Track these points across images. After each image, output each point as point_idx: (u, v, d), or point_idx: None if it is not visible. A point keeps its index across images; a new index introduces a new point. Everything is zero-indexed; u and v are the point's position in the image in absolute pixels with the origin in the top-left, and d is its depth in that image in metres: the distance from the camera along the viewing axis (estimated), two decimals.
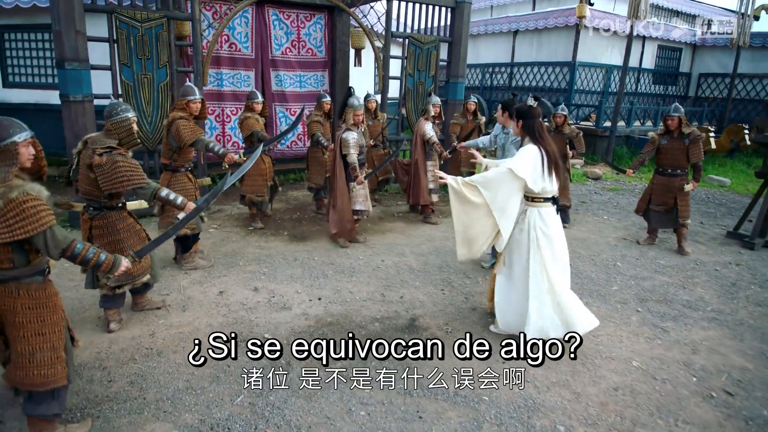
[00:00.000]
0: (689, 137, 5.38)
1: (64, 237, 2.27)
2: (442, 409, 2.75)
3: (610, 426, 2.71)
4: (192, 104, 4.31)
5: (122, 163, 3.06)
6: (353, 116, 5.11)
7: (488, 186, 3.29)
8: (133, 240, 3.31)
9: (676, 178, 5.55)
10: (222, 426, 2.58)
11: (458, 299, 4.19)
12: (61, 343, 2.39)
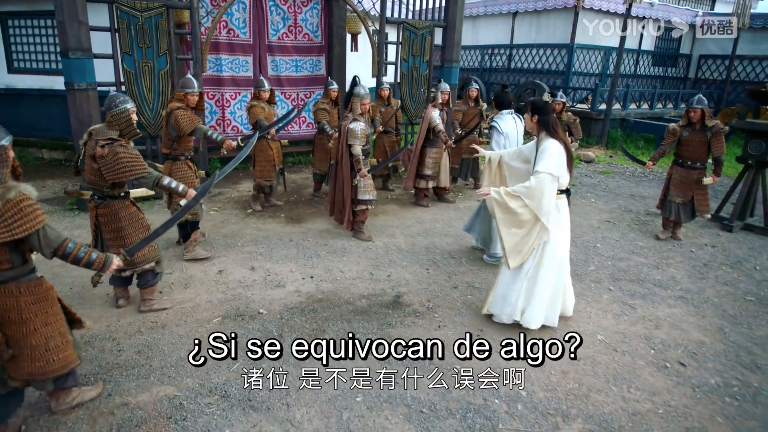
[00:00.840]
0: (712, 130, 5.27)
1: (56, 236, 2.36)
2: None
3: (568, 391, 3.02)
4: (190, 96, 4.46)
5: (123, 154, 3.20)
6: (360, 105, 5.00)
7: (532, 195, 3.32)
8: (135, 228, 3.47)
9: (695, 170, 5.47)
10: (220, 390, 2.90)
11: (441, 278, 4.48)
12: (65, 326, 2.54)
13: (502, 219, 3.43)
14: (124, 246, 3.26)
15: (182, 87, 4.49)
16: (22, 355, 2.39)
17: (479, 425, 2.69)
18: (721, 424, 2.84)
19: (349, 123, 5.01)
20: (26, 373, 2.42)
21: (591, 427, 2.73)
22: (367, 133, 5.14)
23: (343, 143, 5.07)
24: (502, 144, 4.64)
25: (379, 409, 2.78)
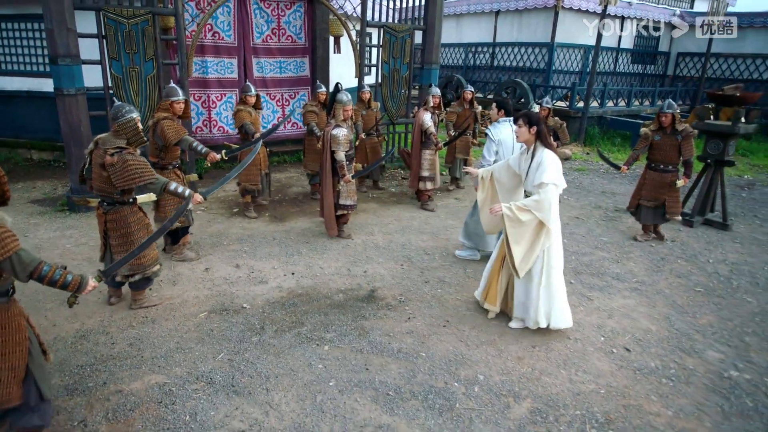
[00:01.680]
0: (682, 134, 5.48)
1: (31, 260, 2.29)
2: (384, 363, 3.38)
3: (521, 375, 3.36)
4: (176, 105, 4.56)
5: (132, 161, 3.35)
6: (342, 112, 5.14)
7: (542, 208, 3.47)
8: (142, 233, 3.64)
9: (668, 173, 5.65)
10: (206, 377, 3.20)
11: (414, 273, 4.80)
12: (22, 361, 2.37)
13: (512, 233, 3.55)
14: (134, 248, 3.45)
15: (167, 96, 4.60)
16: None
17: (438, 405, 3.02)
18: (655, 401, 3.19)
19: (332, 129, 5.14)
20: None
21: (538, 406, 3.07)
22: (350, 138, 5.25)
23: (327, 149, 5.21)
24: (494, 151, 4.74)
25: (349, 393, 3.09)
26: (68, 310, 3.79)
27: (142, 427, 2.77)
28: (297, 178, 8.11)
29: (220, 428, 2.78)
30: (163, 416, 2.85)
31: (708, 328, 4.12)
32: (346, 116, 5.22)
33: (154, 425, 2.78)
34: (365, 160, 7.29)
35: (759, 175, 10.39)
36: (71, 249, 5.07)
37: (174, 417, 2.85)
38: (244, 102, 5.93)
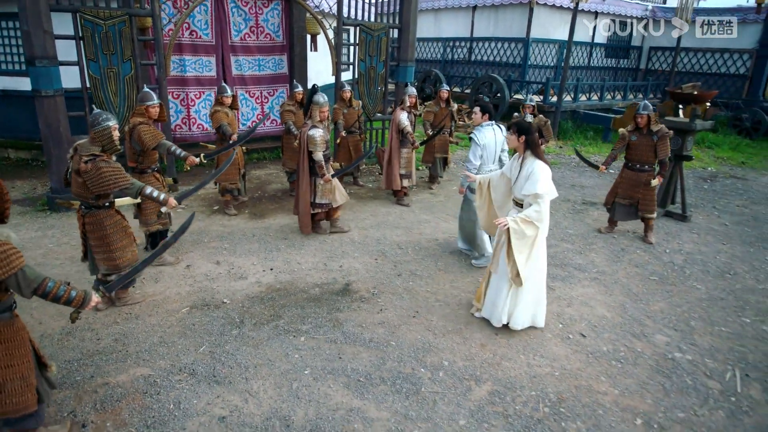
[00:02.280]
0: (657, 134, 5.66)
1: (36, 276, 2.38)
2: (356, 352, 3.62)
3: (483, 360, 3.64)
4: (151, 109, 4.60)
5: (106, 168, 3.45)
6: (319, 113, 5.28)
7: (542, 218, 3.63)
8: (119, 235, 3.77)
9: (644, 173, 5.84)
10: (188, 368, 3.40)
11: (388, 267, 5.05)
12: (31, 372, 2.52)
13: (517, 245, 3.67)
14: (109, 251, 3.64)
15: (141, 101, 4.63)
16: None
17: (405, 389, 3.28)
18: (604, 382, 3.50)
19: (309, 130, 5.27)
20: None
21: (497, 388, 3.35)
22: (326, 138, 5.36)
23: (304, 150, 5.36)
24: (479, 155, 4.85)
25: (323, 380, 3.33)
26: (54, 307, 3.96)
27: (128, 416, 2.97)
28: (276, 174, 8.27)
29: (202, 415, 3.00)
30: (149, 405, 3.06)
31: (658, 314, 4.45)
32: (323, 117, 5.35)
33: (140, 414, 2.99)
34: (348, 157, 7.48)
35: (722, 168, 10.85)
36: (54, 248, 5.19)
37: (159, 406, 3.06)
38: (220, 103, 6.02)
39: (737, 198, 8.44)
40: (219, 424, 2.94)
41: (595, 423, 3.11)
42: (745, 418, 3.24)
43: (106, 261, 3.78)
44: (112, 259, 3.76)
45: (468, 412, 3.11)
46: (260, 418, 2.99)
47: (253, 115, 9.22)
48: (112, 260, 3.76)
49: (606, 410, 3.22)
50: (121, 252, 3.79)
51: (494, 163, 4.98)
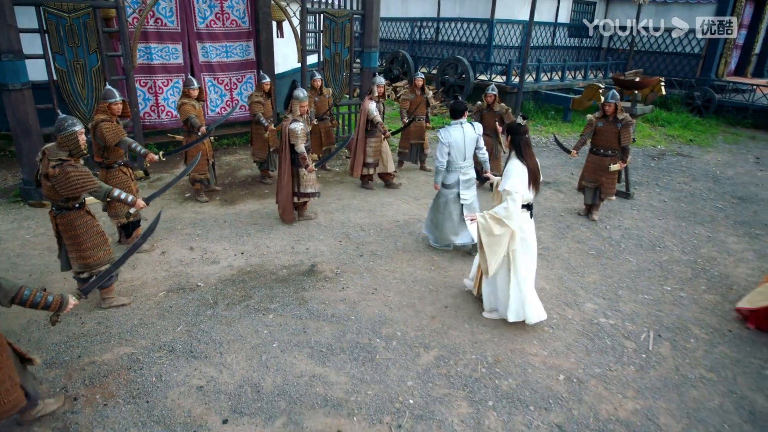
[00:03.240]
0: (622, 122, 6.08)
1: (11, 287, 2.57)
2: (319, 326, 4.07)
3: (433, 330, 4.12)
4: (113, 106, 4.70)
5: (73, 173, 3.58)
6: (299, 107, 5.50)
7: (510, 216, 3.83)
8: (90, 234, 3.89)
9: (607, 158, 6.25)
10: (167, 346, 3.78)
11: (351, 248, 5.47)
12: (14, 370, 2.74)
13: (487, 242, 3.93)
14: (80, 250, 3.83)
15: (104, 98, 4.71)
16: None
17: (362, 357, 3.74)
18: (536, 345, 4.03)
19: (290, 124, 5.46)
20: None
21: (443, 353, 3.85)
22: (307, 131, 5.59)
23: (285, 142, 5.57)
24: (446, 153, 5.02)
25: (289, 351, 3.77)
26: None
27: (116, 388, 3.36)
28: (246, 160, 8.52)
29: (182, 386, 3.41)
30: (133, 379, 3.45)
31: (591, 285, 5.02)
32: (303, 111, 5.55)
33: (126, 387, 3.38)
34: (319, 143, 7.77)
35: (671, 146, 11.55)
36: (31, 240, 5.42)
37: (142, 379, 3.45)
38: (187, 95, 6.16)
39: (680, 175, 9.11)
40: (197, 392, 3.36)
41: (524, 380, 3.64)
42: (652, 371, 3.83)
43: (78, 259, 3.93)
44: (84, 258, 3.91)
45: (416, 375, 3.60)
46: (233, 386, 3.42)
47: (222, 101, 9.39)
48: (84, 259, 3.91)
49: (535, 369, 3.76)
50: (91, 251, 3.91)
51: (465, 161, 5.13)
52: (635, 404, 3.48)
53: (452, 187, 5.20)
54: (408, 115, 7.98)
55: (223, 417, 3.16)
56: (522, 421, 3.26)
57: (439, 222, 5.40)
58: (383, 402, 3.34)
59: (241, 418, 3.16)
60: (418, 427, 3.17)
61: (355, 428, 3.13)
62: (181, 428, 3.07)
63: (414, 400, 3.38)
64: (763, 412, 3.48)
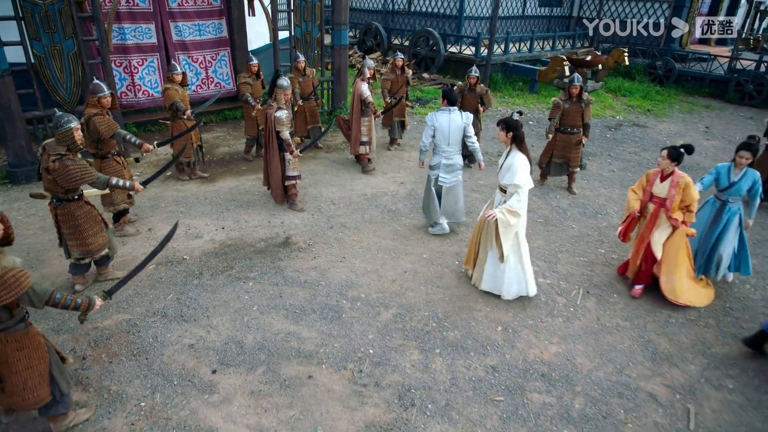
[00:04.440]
0: (585, 102, 6.75)
1: (44, 291, 2.79)
2: (293, 291, 4.66)
3: (392, 292, 4.75)
4: (103, 100, 4.95)
5: (72, 166, 3.87)
6: (283, 96, 5.74)
7: (522, 207, 4.29)
8: (90, 224, 4.20)
9: (574, 135, 6.88)
10: (160, 312, 4.34)
11: (322, 221, 6.03)
12: (46, 368, 2.94)
13: (503, 232, 4.32)
14: (82, 238, 4.20)
15: (93, 93, 4.96)
16: (3, 389, 2.90)
17: (330, 316, 4.36)
18: (480, 302, 4.70)
19: (275, 112, 5.71)
20: (5, 404, 2.95)
21: (400, 312, 4.49)
22: (291, 118, 5.87)
23: (271, 130, 5.83)
24: (430, 135, 5.36)
25: (268, 313, 4.36)
26: (41, 271, 4.75)
27: (118, 348, 3.92)
28: (223, 137, 8.89)
29: (175, 344, 3.99)
30: (133, 341, 4.01)
31: (536, 250, 5.68)
32: (287, 99, 5.81)
33: (126, 347, 3.94)
34: (305, 122, 8.12)
35: (630, 116, 12.20)
36: (23, 220, 5.83)
37: (141, 340, 4.01)
38: (171, 80, 6.38)
39: (632, 146, 9.79)
40: (189, 349, 3.94)
41: (468, 331, 4.31)
42: (576, 322, 4.54)
43: (79, 247, 4.27)
44: (86, 245, 4.27)
45: (376, 329, 4.25)
46: (220, 343, 4.01)
47: (198, 79, 9.65)
48: (86, 246, 4.27)
49: (477, 322, 4.43)
50: (92, 238, 4.28)
51: (450, 146, 5.42)
52: (558, 348, 4.19)
53: (435, 168, 5.57)
54: (390, 94, 8.32)
55: (212, 368, 3.77)
56: (463, 365, 3.95)
57: (425, 203, 5.84)
58: (347, 352, 3.98)
59: (227, 369, 3.77)
60: (376, 371, 3.82)
61: (323, 374, 3.77)
62: (178, 378, 3.67)
63: (374, 350, 4.03)
64: (663, 352, 4.23)
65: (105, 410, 3.39)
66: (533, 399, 3.66)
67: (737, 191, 4.75)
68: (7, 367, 2.82)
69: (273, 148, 5.98)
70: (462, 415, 3.49)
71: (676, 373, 4.00)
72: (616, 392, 3.77)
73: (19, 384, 2.85)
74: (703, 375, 4.00)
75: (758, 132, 8.13)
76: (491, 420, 3.47)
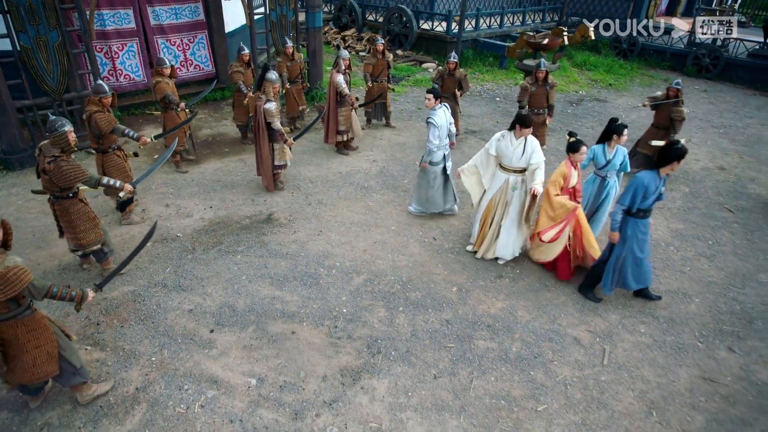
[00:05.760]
0: (550, 84, 7.56)
1: (42, 285, 3.17)
2: (276, 262, 5.33)
3: (364, 261, 5.46)
4: (104, 100, 5.32)
5: (66, 167, 4.19)
6: (272, 89, 6.10)
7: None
8: (82, 219, 4.57)
9: (540, 115, 7.65)
10: (161, 283, 4.97)
11: (301, 198, 6.66)
12: (54, 347, 3.38)
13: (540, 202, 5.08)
14: (75, 232, 4.59)
15: (96, 93, 5.31)
16: (17, 367, 3.30)
17: (309, 282, 5.06)
18: (440, 267, 5.44)
19: (264, 104, 6.06)
20: (16, 380, 3.37)
21: (369, 277, 5.21)
22: (279, 109, 6.22)
23: (261, 121, 6.18)
24: (437, 135, 5.68)
25: (255, 281, 5.04)
26: (49, 251, 5.32)
27: (127, 315, 4.57)
28: (205, 120, 9.33)
29: (176, 310, 4.65)
30: (139, 308, 4.65)
31: None
32: (275, 92, 6.17)
33: (134, 313, 4.59)
34: (294, 103, 8.57)
35: (592, 90, 12.89)
36: (24, 204, 6.32)
37: (146, 308, 4.66)
38: (160, 74, 6.71)
39: (590, 120, 10.51)
40: (188, 314, 4.61)
41: (428, 291, 5.06)
42: (520, 282, 5.32)
43: (73, 240, 4.68)
44: (78, 239, 4.66)
45: (349, 293, 4.96)
46: (215, 308, 4.69)
47: (176, 62, 9.97)
48: (78, 240, 4.67)
49: (436, 284, 5.18)
50: (84, 233, 4.64)
51: (446, 138, 5.85)
52: (503, 304, 4.97)
53: (437, 164, 5.96)
54: (371, 77, 8.75)
55: (210, 328, 4.45)
56: (422, 319, 4.70)
57: (430, 196, 6.18)
58: (324, 312, 4.70)
59: (222, 329, 4.46)
60: (348, 326, 4.56)
61: (304, 330, 4.49)
62: (181, 337, 4.35)
63: (347, 309, 4.75)
64: (590, 305, 5.04)
65: (122, 365, 4.06)
66: (479, 345, 4.45)
67: (612, 167, 5.38)
68: (19, 347, 3.26)
69: (263, 138, 6.40)
70: (419, 359, 4.26)
71: (598, 321, 4.83)
72: (547, 338, 4.58)
73: (29, 361, 3.29)
74: (621, 322, 4.84)
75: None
76: (443, 362, 4.25)
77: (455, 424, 3.71)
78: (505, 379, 4.12)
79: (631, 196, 4.47)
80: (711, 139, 9.85)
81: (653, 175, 4.39)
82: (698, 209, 7.06)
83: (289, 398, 3.83)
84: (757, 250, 6.16)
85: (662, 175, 4.40)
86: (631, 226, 4.65)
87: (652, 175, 4.38)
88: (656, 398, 4.04)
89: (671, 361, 4.41)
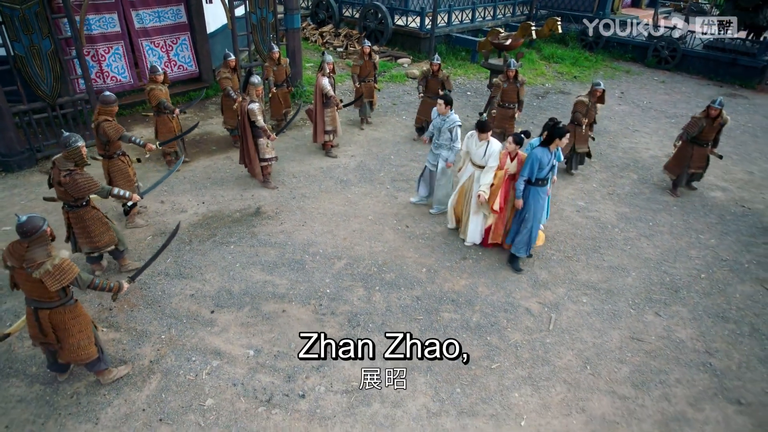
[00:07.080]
0: (520, 82, 8.34)
1: (87, 277, 3.71)
2: (266, 251, 5.98)
3: (344, 247, 6.14)
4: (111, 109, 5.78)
5: (80, 179, 4.59)
6: (255, 92, 6.69)
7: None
8: (97, 225, 4.97)
9: (511, 109, 8.43)
10: (164, 272, 5.58)
11: (286, 192, 7.29)
12: (92, 333, 3.95)
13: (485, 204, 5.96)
14: (90, 237, 4.98)
15: (105, 103, 5.71)
16: (63, 349, 3.87)
17: (296, 267, 5.73)
18: (412, 251, 6.15)
19: (248, 105, 6.65)
20: (65, 359, 3.95)
21: (349, 262, 5.89)
22: (262, 109, 6.83)
23: (245, 121, 6.78)
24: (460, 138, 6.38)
25: (248, 268, 5.68)
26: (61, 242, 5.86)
27: (135, 300, 5.18)
28: (191, 119, 9.82)
29: (179, 295, 5.27)
30: (146, 294, 5.27)
31: None
32: (258, 94, 6.75)
33: (142, 299, 5.20)
34: (280, 106, 9.05)
35: (557, 83, 13.65)
36: (28, 204, 6.81)
37: (152, 293, 5.28)
38: (154, 81, 7.15)
39: (554, 112, 11.27)
40: (190, 298, 5.24)
41: (401, 272, 5.77)
42: (482, 262, 6.06)
43: (89, 243, 5.08)
44: (94, 242, 5.07)
45: (331, 276, 5.65)
46: (214, 292, 5.33)
47: (161, 62, 10.39)
48: (94, 243, 5.08)
49: (408, 266, 5.89)
50: (99, 237, 5.06)
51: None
52: (466, 282, 5.72)
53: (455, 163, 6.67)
54: (359, 78, 9.29)
55: (211, 310, 5.10)
56: (396, 297, 5.42)
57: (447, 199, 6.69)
58: (310, 292, 5.38)
59: (222, 309, 5.11)
60: (332, 304, 5.25)
61: (293, 308, 5.17)
62: (186, 318, 4.98)
63: (330, 290, 5.44)
64: (542, 281, 5.81)
65: (135, 343, 4.69)
66: (444, 316, 5.19)
67: (554, 170, 5.90)
68: (66, 332, 3.80)
69: (249, 136, 7.00)
70: (393, 330, 4.98)
71: (548, 294, 5.62)
72: (503, 309, 5.35)
73: (74, 344, 3.84)
74: (567, 294, 5.63)
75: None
76: (414, 332, 4.97)
77: (423, 380, 4.45)
78: (466, 344, 4.86)
79: (528, 168, 5.46)
80: (663, 129, 10.72)
81: (545, 150, 5.43)
82: (644, 194, 7.90)
83: (283, 364, 4.52)
84: (690, 229, 7.02)
85: (552, 150, 5.45)
86: (532, 194, 5.60)
87: (544, 150, 5.43)
88: (591, 355, 4.84)
89: (606, 325, 5.22)
